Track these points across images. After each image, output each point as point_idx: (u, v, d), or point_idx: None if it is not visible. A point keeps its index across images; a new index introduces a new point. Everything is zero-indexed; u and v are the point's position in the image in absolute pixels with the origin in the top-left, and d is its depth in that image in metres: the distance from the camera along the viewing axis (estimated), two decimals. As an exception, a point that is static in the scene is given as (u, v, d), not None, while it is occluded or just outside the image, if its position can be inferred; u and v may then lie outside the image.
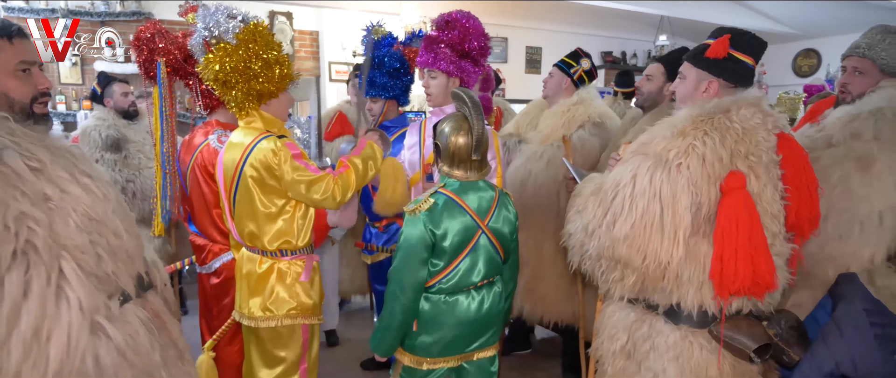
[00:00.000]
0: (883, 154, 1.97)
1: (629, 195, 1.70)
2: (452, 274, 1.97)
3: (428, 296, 1.99)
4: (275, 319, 2.17)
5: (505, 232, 2.06)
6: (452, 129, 2.00)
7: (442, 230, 1.92)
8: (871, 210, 1.95)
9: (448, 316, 1.98)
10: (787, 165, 1.71)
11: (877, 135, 1.99)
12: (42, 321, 1.10)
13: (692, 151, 1.65)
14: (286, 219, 2.18)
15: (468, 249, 1.97)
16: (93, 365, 1.16)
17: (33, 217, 1.11)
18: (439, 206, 1.93)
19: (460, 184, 2.00)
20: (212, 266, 2.70)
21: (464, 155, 1.99)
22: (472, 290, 2.02)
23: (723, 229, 1.61)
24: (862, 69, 2.20)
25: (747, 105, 1.71)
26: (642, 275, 1.72)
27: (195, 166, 2.58)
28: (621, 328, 1.89)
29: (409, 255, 1.92)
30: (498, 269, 2.10)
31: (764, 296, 1.66)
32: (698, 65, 1.83)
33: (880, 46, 2.16)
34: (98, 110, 3.48)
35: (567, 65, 3.19)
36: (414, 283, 1.94)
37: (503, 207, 2.07)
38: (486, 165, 2.06)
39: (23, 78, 1.36)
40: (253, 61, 2.09)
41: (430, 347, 2.01)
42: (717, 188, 1.64)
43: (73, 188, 1.22)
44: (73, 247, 1.18)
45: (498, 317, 2.11)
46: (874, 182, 1.96)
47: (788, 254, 1.75)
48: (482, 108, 2.02)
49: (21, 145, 1.17)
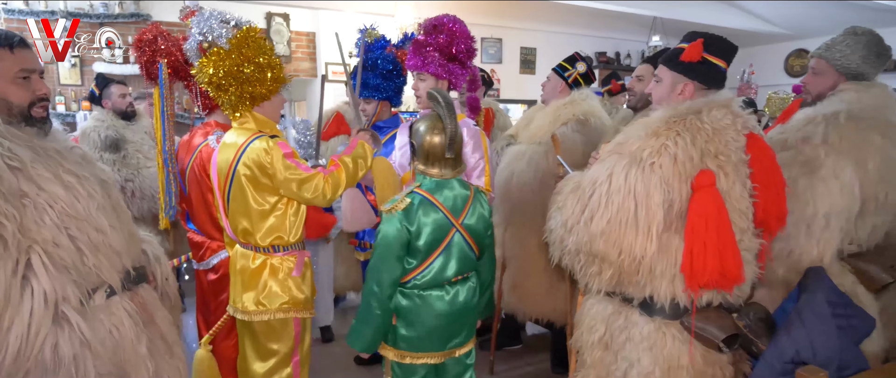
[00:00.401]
0: (829, 159, 2.02)
1: (605, 192, 1.77)
2: (427, 270, 2.05)
3: (404, 291, 2.07)
4: (268, 313, 2.25)
5: (479, 229, 2.13)
6: (427, 129, 2.08)
7: (417, 228, 2.00)
8: (816, 212, 2.01)
9: (424, 310, 2.06)
10: (756, 164, 1.78)
11: (825, 139, 2.05)
12: (4, 308, 1.18)
13: (665, 151, 1.73)
14: (278, 216, 2.25)
15: (442, 247, 2.05)
16: (50, 353, 1.24)
17: (3, 211, 1.18)
18: (415, 205, 2.01)
19: (435, 182, 2.07)
20: (209, 262, 2.78)
21: (438, 153, 2.07)
22: (446, 286, 2.09)
23: (693, 225, 1.69)
24: (818, 70, 2.27)
25: (718, 106, 1.79)
26: (618, 269, 1.80)
27: (194, 166, 2.66)
28: (599, 320, 1.97)
29: (385, 253, 2.00)
30: (473, 266, 2.17)
31: (732, 288, 1.74)
32: (674, 68, 1.91)
33: (837, 47, 2.21)
34: (97, 111, 3.56)
35: (562, 68, 3.27)
36: (390, 279, 2.02)
37: (478, 205, 2.14)
38: (460, 163, 2.14)
39: (22, 84, 1.43)
40: (245, 65, 2.17)
41: (411, 341, 2.09)
42: (689, 186, 1.72)
43: (53, 186, 1.30)
44: (43, 240, 1.25)
45: (473, 311, 2.19)
46: (819, 185, 2.02)
47: (757, 249, 1.83)
48: (454, 107, 2.10)
49: (2, 145, 1.24)
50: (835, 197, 2.00)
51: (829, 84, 2.24)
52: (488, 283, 2.29)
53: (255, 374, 2.35)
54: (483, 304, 2.28)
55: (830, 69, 2.23)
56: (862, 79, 2.19)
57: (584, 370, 2.05)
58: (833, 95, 2.20)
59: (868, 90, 2.16)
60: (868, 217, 2.07)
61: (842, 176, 2.00)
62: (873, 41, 2.18)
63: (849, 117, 2.08)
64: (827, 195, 2.00)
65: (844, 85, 2.20)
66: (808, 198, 2.00)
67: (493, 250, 2.29)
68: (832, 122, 2.07)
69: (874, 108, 2.09)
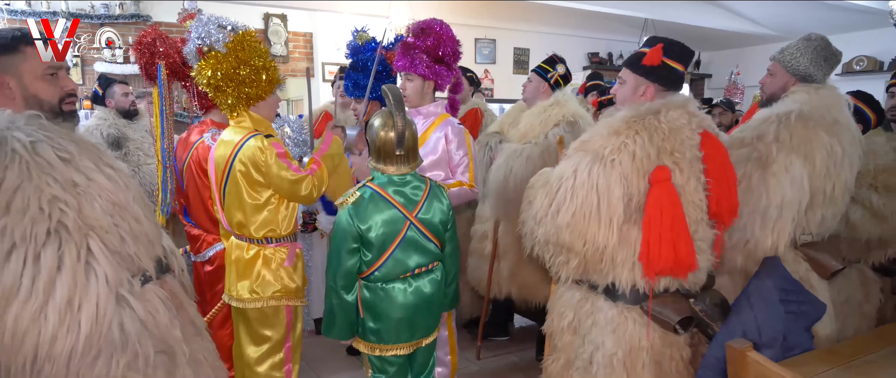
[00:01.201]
0: (780, 154, 2.17)
1: (571, 187, 1.92)
2: (384, 264, 2.12)
3: (367, 284, 2.16)
4: (261, 301, 2.40)
5: (435, 222, 2.19)
6: (380, 125, 2.14)
7: (367, 223, 2.07)
8: (769, 203, 2.15)
9: (387, 302, 2.14)
10: (709, 160, 1.93)
11: (777, 137, 2.19)
12: (74, 291, 1.25)
13: (624, 148, 1.88)
14: (271, 209, 2.40)
15: (397, 241, 2.11)
16: (118, 331, 1.32)
17: (64, 200, 1.28)
18: (365, 199, 2.09)
19: (388, 177, 2.15)
20: (206, 255, 2.92)
21: (389, 149, 2.13)
22: (408, 278, 2.16)
23: (650, 217, 1.84)
24: (772, 71, 2.44)
25: (675, 107, 1.94)
26: (583, 258, 1.94)
27: (191, 163, 2.81)
28: (569, 307, 2.12)
29: (337, 244, 2.10)
30: (434, 257, 2.23)
31: (687, 275, 1.89)
32: (636, 71, 2.06)
33: (788, 51, 2.38)
34: (99, 110, 3.71)
35: (544, 70, 3.42)
36: (343, 271, 2.10)
37: (434, 199, 2.21)
38: (414, 159, 2.21)
39: (50, 81, 1.51)
40: (241, 68, 2.32)
41: (378, 334, 2.17)
42: (646, 181, 1.87)
43: (98, 177, 1.37)
44: (99, 227, 1.33)
45: (439, 302, 2.27)
46: (771, 179, 2.17)
47: (712, 239, 1.98)
48: (403, 102, 2.20)
49: (53, 139, 1.33)
50: (786, 189, 2.14)
51: (780, 85, 2.41)
52: (453, 276, 2.36)
53: (249, 359, 2.50)
54: (450, 295, 2.36)
55: (782, 71, 2.40)
56: (811, 80, 2.35)
57: (556, 353, 2.20)
58: (786, 97, 2.36)
59: (817, 91, 2.32)
60: (818, 208, 2.23)
61: (791, 170, 2.15)
62: (822, 46, 2.34)
63: (799, 117, 2.22)
64: (778, 188, 2.15)
65: (796, 87, 2.36)
66: (762, 190, 2.14)
67: (456, 243, 2.36)
68: (784, 121, 2.22)
69: (822, 108, 2.25)
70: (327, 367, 3.62)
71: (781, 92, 2.39)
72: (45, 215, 1.24)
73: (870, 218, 2.61)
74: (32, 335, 1.21)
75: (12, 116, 1.35)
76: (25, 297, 1.20)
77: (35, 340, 1.21)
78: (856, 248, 2.62)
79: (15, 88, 1.46)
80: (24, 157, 1.26)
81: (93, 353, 1.28)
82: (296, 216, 2.51)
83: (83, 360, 1.26)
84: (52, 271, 1.23)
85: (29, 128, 1.32)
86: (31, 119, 1.36)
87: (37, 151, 1.28)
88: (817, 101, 2.26)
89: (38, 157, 1.27)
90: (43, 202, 1.25)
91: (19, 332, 1.20)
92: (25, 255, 1.22)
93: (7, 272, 1.20)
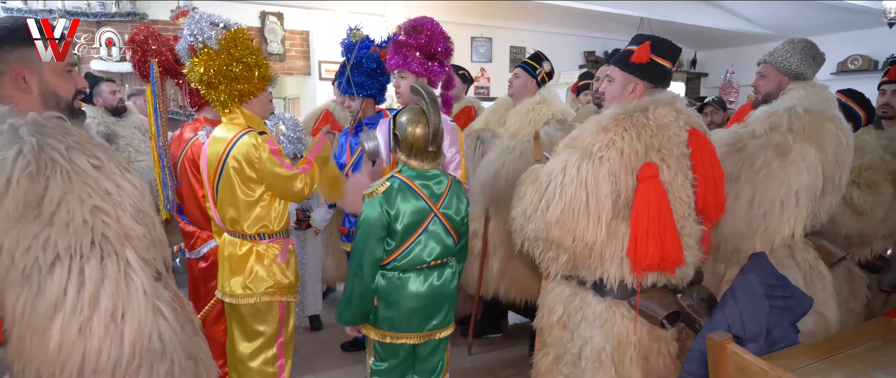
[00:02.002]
0: (796, 144, 2.22)
1: (560, 184, 1.94)
2: (406, 253, 2.18)
3: (384, 273, 2.21)
4: (254, 296, 2.42)
5: (456, 218, 2.27)
6: (410, 121, 2.20)
7: (396, 211, 2.13)
8: (789, 190, 2.20)
9: (402, 291, 2.20)
10: (696, 157, 1.95)
11: (790, 127, 2.25)
12: (118, 303, 1.24)
13: (613, 145, 1.90)
14: (264, 206, 2.42)
15: (420, 231, 2.18)
16: (158, 341, 1.32)
17: (104, 210, 1.26)
18: (394, 188, 2.15)
19: (416, 171, 2.21)
20: (200, 251, 2.94)
21: (421, 145, 2.20)
22: (424, 269, 2.23)
23: (637, 213, 1.86)
24: (765, 73, 2.51)
25: (663, 104, 1.96)
26: (572, 254, 1.96)
27: (185, 160, 2.82)
28: (558, 302, 2.14)
29: (367, 233, 2.14)
30: (450, 251, 2.29)
31: (674, 270, 1.91)
32: (625, 69, 2.08)
33: (778, 52, 2.46)
34: (88, 109, 3.70)
35: (532, 67, 3.44)
36: (371, 259, 2.16)
37: (455, 195, 2.28)
38: (440, 155, 2.28)
39: (67, 78, 1.48)
40: (234, 65, 2.33)
41: (391, 321, 2.23)
42: (634, 177, 1.89)
43: (125, 183, 1.34)
44: (134, 236, 1.31)
45: (450, 295, 2.32)
46: (790, 167, 2.21)
47: (699, 235, 2.01)
48: (438, 102, 2.26)
49: (83, 146, 1.29)
50: (804, 176, 2.19)
51: (774, 84, 2.48)
52: (458, 271, 2.41)
53: (242, 355, 2.52)
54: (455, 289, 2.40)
55: (774, 71, 2.47)
56: (802, 78, 2.42)
57: (545, 348, 2.22)
58: (784, 94, 2.42)
59: (812, 88, 2.39)
60: (827, 196, 2.30)
61: (808, 157, 2.21)
62: (808, 46, 2.44)
63: (805, 109, 2.29)
64: (798, 175, 2.20)
65: (792, 84, 2.43)
66: (783, 177, 2.19)
67: (466, 240, 2.43)
68: (793, 113, 2.28)
69: (820, 103, 2.32)
70: (321, 363, 3.64)
71: (778, 90, 2.46)
72: (89, 227, 1.22)
73: (849, 213, 2.68)
74: (79, 349, 1.20)
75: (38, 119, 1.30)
76: (71, 311, 1.19)
77: (81, 354, 1.20)
78: (836, 243, 2.66)
79: (32, 83, 1.41)
80: (64, 167, 1.23)
81: (136, 363, 1.27)
82: (288, 212, 2.53)
83: (127, 370, 1.26)
84: (97, 284, 1.22)
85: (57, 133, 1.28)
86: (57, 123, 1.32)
87: (72, 159, 1.25)
88: (814, 97, 2.33)
89: (74, 165, 1.25)
90: (86, 213, 1.23)
91: (66, 346, 1.19)
92: (70, 267, 1.20)
93: (51, 285, 1.18)
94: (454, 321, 2.40)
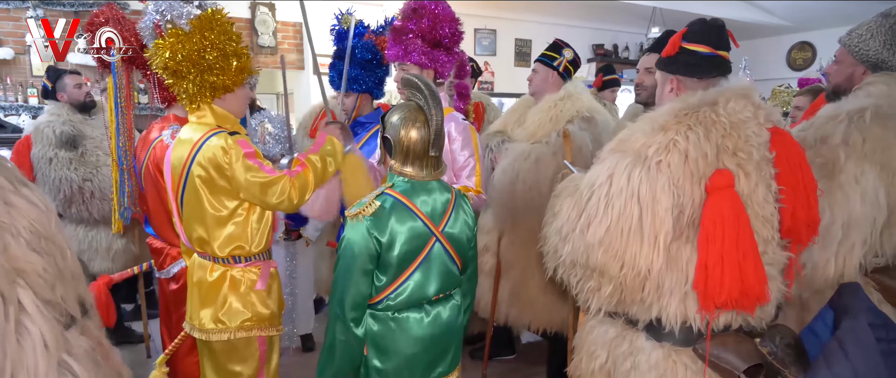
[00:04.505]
0: (849, 162, 1.80)
1: (605, 195, 1.53)
2: (401, 288, 1.75)
3: (376, 314, 1.78)
4: (227, 332, 2.01)
5: (462, 239, 1.84)
6: (404, 121, 1.76)
7: (388, 237, 1.70)
8: (832, 221, 1.79)
9: (399, 336, 1.77)
10: (782, 163, 1.54)
11: (845, 140, 1.82)
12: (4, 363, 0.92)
13: (674, 148, 1.49)
14: (239, 222, 2.01)
15: (419, 259, 1.75)
16: None
17: None
18: (386, 209, 1.71)
19: (411, 184, 1.78)
20: (170, 271, 2.55)
21: (419, 150, 1.76)
22: (425, 305, 1.81)
23: (707, 233, 1.45)
24: (838, 58, 2.07)
25: (736, 97, 1.55)
26: (619, 285, 1.55)
27: (149, 164, 2.42)
28: (600, 345, 1.73)
29: (350, 266, 1.71)
30: (456, 282, 1.88)
31: (754, 309, 1.50)
32: (659, 66, 1.75)
33: (856, 32, 2.01)
34: (51, 105, 3.30)
35: (550, 58, 3.03)
36: (356, 298, 1.73)
37: (461, 210, 1.85)
38: (442, 163, 1.86)
39: None
40: (208, 51, 1.92)
41: (386, 374, 1.79)
42: (702, 188, 1.48)
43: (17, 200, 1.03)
44: (29, 271, 1.00)
45: (458, 333, 1.91)
46: (837, 192, 1.80)
47: (784, 262, 1.59)
48: (439, 95, 1.83)
49: None
50: (854, 205, 1.77)
51: (845, 74, 2.04)
52: (469, 303, 2.00)
53: (216, 398, 2.11)
54: (463, 325, 1.98)
55: (848, 57, 2.03)
56: (885, 68, 1.96)
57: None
58: (859, 89, 1.96)
59: None
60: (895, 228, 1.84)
61: (863, 181, 1.78)
62: None
63: (875, 115, 1.84)
64: (845, 203, 1.78)
65: (873, 77, 1.97)
66: (824, 205, 1.74)
67: (476, 264, 2.01)
68: (856, 120, 1.84)
69: None
70: (314, 392, 3.24)
71: (850, 83, 2.01)
72: None
73: None
74: None
75: None
76: None
77: None
78: None
79: None
80: None
81: None
82: (270, 229, 2.11)
83: None
84: None
85: None
86: None
87: None
88: None
89: None
90: None
91: None
92: None
93: None
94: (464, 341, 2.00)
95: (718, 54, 1.65)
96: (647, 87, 2.57)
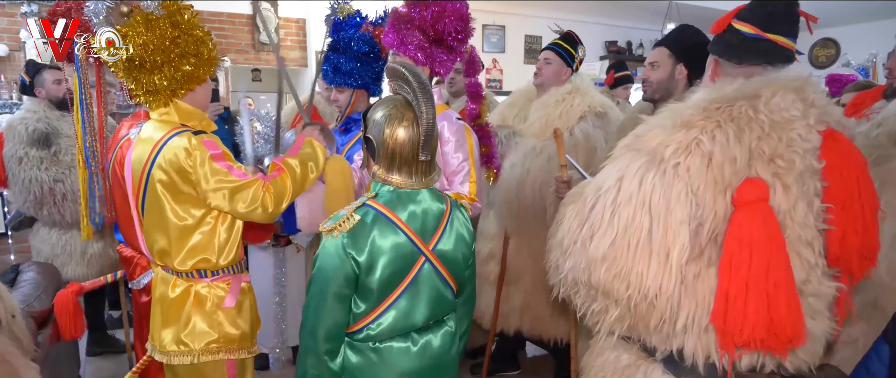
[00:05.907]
0: None
1: (611, 202, 1.29)
2: (384, 316, 1.52)
3: (354, 344, 1.54)
4: (191, 355, 1.81)
5: (458, 257, 1.60)
6: (389, 118, 1.51)
7: (368, 258, 1.46)
8: None
9: (381, 369, 1.53)
10: (834, 176, 1.27)
11: None
12: None
13: (696, 148, 1.24)
14: (205, 232, 1.80)
15: (406, 282, 1.52)
16: None
17: None
18: (367, 224, 1.48)
19: (397, 193, 1.54)
20: (140, 282, 2.32)
21: (407, 154, 1.52)
22: (413, 334, 1.57)
23: (731, 256, 1.20)
24: None
25: (785, 90, 1.29)
26: (627, 309, 1.31)
27: (114, 165, 2.22)
28: (611, 372, 1.48)
29: (322, 291, 1.47)
30: (449, 307, 1.65)
31: (785, 352, 1.25)
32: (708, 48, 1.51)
33: None
34: (28, 101, 3.15)
35: (567, 52, 2.81)
36: (330, 328, 1.49)
37: (456, 224, 1.61)
38: (434, 169, 1.61)
39: None
40: (181, 38, 1.73)
41: None
42: (727, 199, 1.24)
43: None
44: None
45: (451, 365, 1.66)
46: None
47: (832, 296, 1.32)
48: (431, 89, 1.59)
49: None
50: None
51: None
52: (466, 329, 1.77)
53: (182, 425, 1.90)
54: (459, 352, 1.73)
55: None
56: None
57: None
58: None
59: None
60: None
61: None
62: None
63: None
64: None
65: None
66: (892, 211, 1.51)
67: (473, 285, 1.76)
68: None
69: None
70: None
71: None
72: None
73: None
74: None
75: None
76: None
77: None
78: None
79: None
80: None
81: None
82: (241, 239, 1.90)
83: None
84: None
85: None
86: None
87: None
88: None
89: None
90: None
91: None
92: None
93: None
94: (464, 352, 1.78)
95: (767, 37, 1.39)
96: (653, 82, 2.35)
